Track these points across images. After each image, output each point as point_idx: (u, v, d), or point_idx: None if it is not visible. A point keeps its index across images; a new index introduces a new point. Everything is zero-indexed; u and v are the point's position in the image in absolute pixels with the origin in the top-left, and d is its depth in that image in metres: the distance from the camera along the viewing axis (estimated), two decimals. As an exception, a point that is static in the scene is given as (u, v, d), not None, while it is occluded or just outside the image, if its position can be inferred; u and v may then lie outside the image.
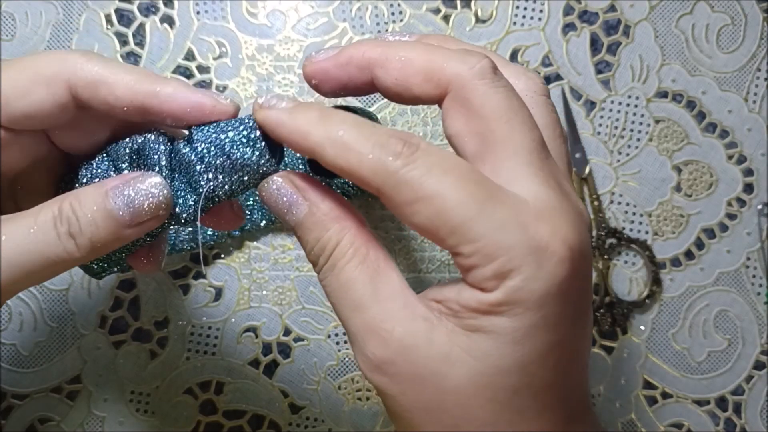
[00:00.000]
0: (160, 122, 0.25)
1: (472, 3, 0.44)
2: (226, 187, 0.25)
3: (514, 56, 0.43)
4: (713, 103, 0.44)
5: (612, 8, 0.44)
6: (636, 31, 0.44)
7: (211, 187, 0.24)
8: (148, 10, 0.42)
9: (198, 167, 0.24)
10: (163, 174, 0.25)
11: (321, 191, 0.24)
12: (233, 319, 0.42)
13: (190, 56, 0.42)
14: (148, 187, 0.24)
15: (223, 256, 0.42)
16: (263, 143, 0.24)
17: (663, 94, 0.44)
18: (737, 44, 0.44)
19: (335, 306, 0.23)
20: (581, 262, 0.21)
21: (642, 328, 0.44)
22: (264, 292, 0.42)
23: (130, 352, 0.42)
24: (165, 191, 0.24)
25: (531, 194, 0.21)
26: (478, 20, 0.44)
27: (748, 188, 0.44)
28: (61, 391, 0.42)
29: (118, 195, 0.23)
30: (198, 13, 0.43)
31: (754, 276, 0.44)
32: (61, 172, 0.28)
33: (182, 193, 0.25)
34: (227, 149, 0.24)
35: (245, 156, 0.24)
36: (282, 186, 0.24)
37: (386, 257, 0.23)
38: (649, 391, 0.44)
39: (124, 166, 0.26)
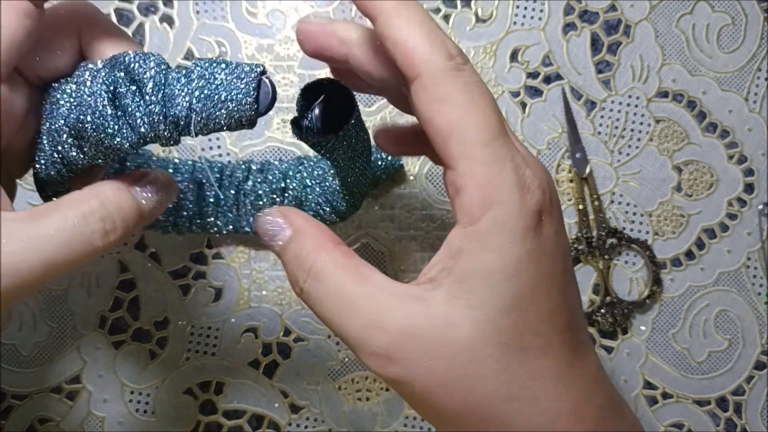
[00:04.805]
0: None
1: (472, 3, 0.43)
2: (203, 115, 0.25)
3: (514, 56, 0.43)
4: (713, 103, 0.44)
5: (612, 8, 0.44)
6: (636, 30, 0.44)
7: (187, 108, 0.24)
8: (147, 9, 0.42)
9: (185, 89, 0.24)
10: (148, 90, 0.24)
11: (303, 218, 0.26)
12: (233, 319, 0.42)
13: (189, 56, 0.42)
14: (164, 180, 0.27)
15: (223, 256, 0.42)
16: (255, 91, 0.25)
17: (663, 94, 0.44)
18: (737, 44, 0.44)
19: (326, 317, 0.24)
20: (554, 205, 0.24)
21: (642, 328, 0.44)
22: (264, 292, 0.42)
23: (129, 352, 0.42)
24: (173, 185, 0.28)
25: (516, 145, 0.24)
26: (478, 20, 0.43)
27: (749, 188, 0.44)
28: (61, 392, 0.42)
29: (144, 191, 0.26)
30: (197, 12, 0.43)
31: (754, 276, 0.44)
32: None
33: (157, 117, 0.24)
34: (217, 81, 0.25)
35: (231, 93, 0.25)
36: (274, 216, 0.27)
37: (365, 263, 0.25)
38: (649, 391, 0.43)
39: (102, 89, 0.25)
